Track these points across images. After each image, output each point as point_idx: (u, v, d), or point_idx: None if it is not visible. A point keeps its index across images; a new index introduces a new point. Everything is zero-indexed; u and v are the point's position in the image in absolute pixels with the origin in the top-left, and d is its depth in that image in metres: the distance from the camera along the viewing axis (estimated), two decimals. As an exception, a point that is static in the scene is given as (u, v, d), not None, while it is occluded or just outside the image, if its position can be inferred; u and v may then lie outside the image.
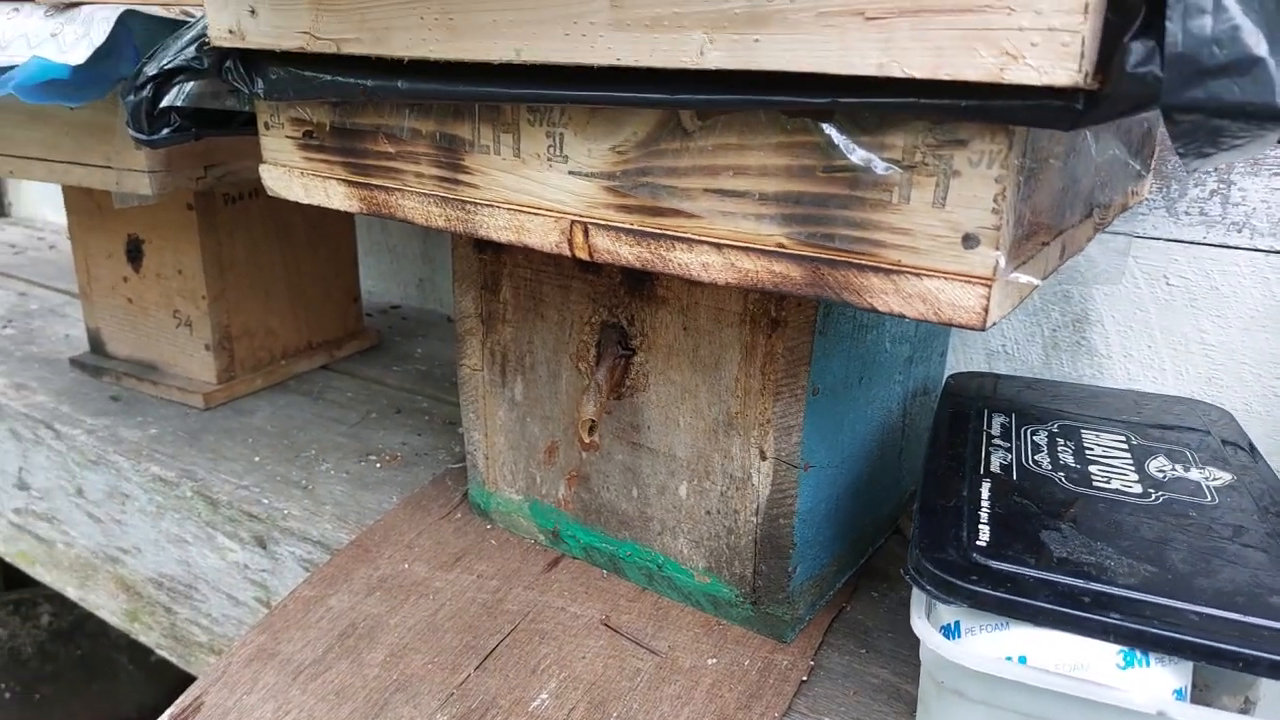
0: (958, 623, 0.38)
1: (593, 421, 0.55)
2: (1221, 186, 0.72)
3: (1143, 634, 0.34)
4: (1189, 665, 0.36)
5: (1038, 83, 0.31)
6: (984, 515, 0.41)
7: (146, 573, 0.82)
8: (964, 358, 0.84)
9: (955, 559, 0.38)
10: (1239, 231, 0.72)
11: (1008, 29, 0.31)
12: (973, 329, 0.36)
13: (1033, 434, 0.51)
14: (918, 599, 0.39)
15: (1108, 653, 0.35)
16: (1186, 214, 0.73)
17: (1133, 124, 0.53)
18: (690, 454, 0.54)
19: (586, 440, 0.57)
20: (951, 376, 0.61)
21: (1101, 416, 0.54)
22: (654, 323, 0.53)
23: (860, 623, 0.56)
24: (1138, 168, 0.57)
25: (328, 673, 0.52)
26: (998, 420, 0.53)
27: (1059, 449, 0.49)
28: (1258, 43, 0.27)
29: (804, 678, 0.51)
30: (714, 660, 0.52)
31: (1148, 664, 0.35)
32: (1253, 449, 0.51)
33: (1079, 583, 0.36)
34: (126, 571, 0.84)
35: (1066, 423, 0.53)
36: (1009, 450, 0.49)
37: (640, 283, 0.53)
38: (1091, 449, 0.50)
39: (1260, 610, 0.35)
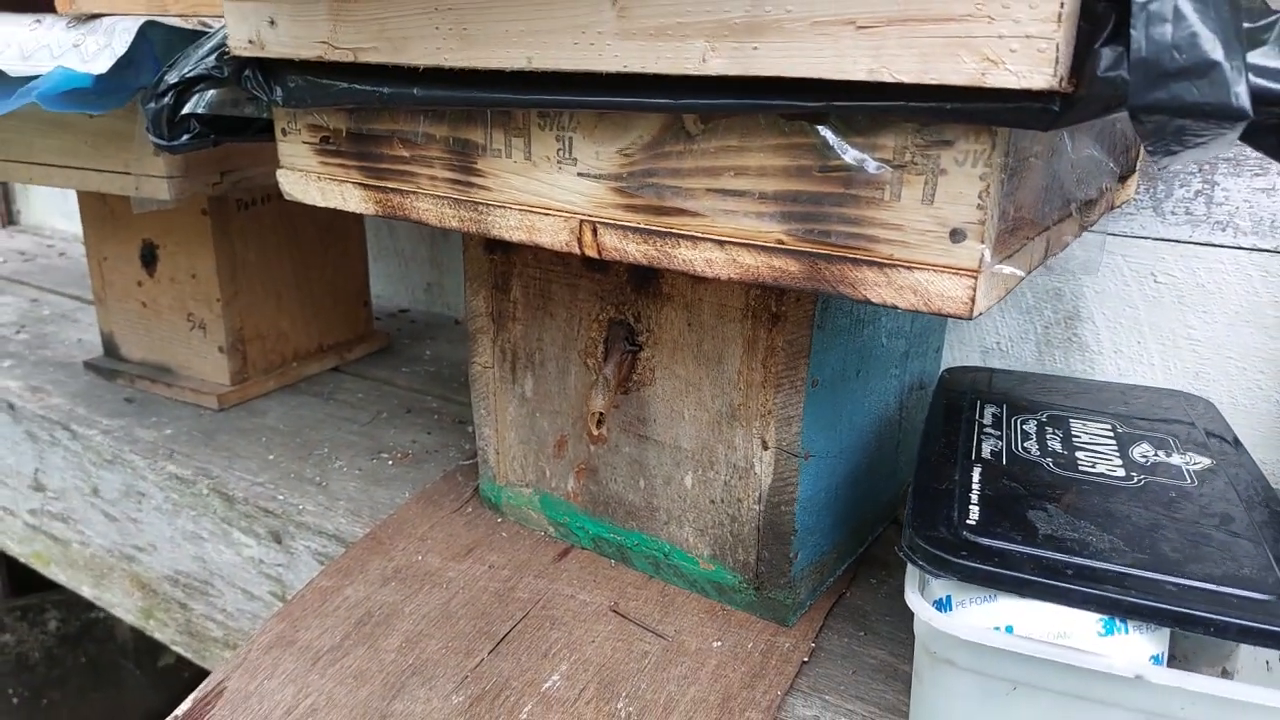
0: (949, 597, 0.40)
1: (601, 414, 0.58)
2: (1206, 187, 0.74)
3: (1120, 603, 0.36)
4: (1166, 633, 0.38)
5: (1017, 86, 0.33)
6: (974, 497, 0.43)
7: (162, 570, 0.84)
8: (960, 354, 0.87)
9: (947, 536, 0.40)
10: (1223, 230, 0.74)
11: (988, 36, 0.34)
12: (961, 318, 0.39)
13: (1023, 423, 0.53)
14: (912, 575, 0.41)
15: (1089, 621, 0.37)
16: (1173, 214, 0.76)
17: (1112, 128, 0.55)
18: (695, 445, 0.56)
19: (595, 433, 0.59)
20: (947, 370, 0.63)
21: (1089, 407, 0.57)
22: (659, 319, 0.55)
23: (859, 607, 0.58)
24: (1113, 166, 0.59)
25: (346, 658, 0.54)
26: (990, 410, 0.55)
27: (1047, 436, 0.51)
28: (1214, 48, 0.30)
29: (805, 659, 0.53)
30: (719, 643, 0.54)
31: (1126, 631, 0.37)
32: (1232, 436, 0.53)
33: (1062, 557, 0.38)
34: (142, 569, 0.86)
35: (1055, 413, 0.55)
36: (999, 438, 0.51)
37: (646, 280, 0.55)
38: (1079, 436, 0.52)
39: (1230, 581, 0.37)
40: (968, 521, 0.41)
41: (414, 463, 0.78)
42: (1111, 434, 0.52)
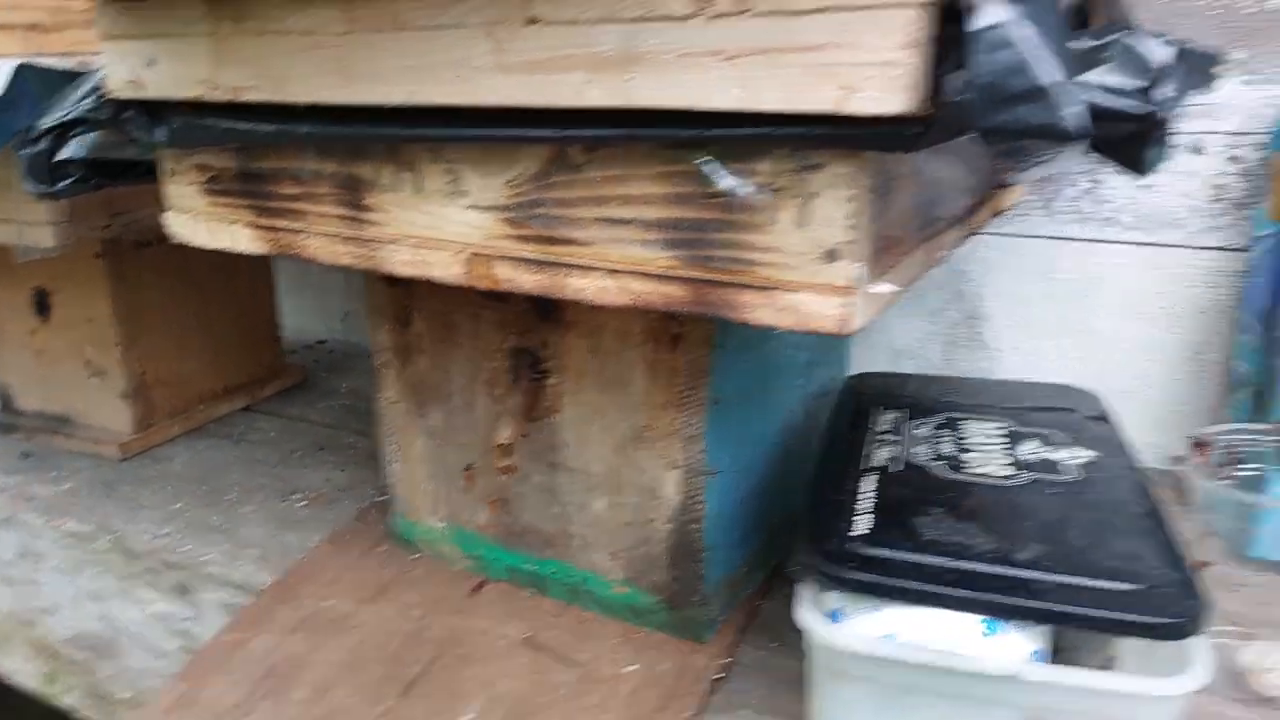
0: (840, 609, 0.41)
1: (509, 445, 0.57)
2: (1092, 185, 0.78)
3: (997, 604, 0.37)
4: (1045, 629, 0.39)
5: (875, 112, 0.35)
6: (866, 506, 0.45)
7: (64, 633, 0.80)
8: (871, 357, 0.88)
9: (835, 549, 0.41)
10: (1110, 226, 0.78)
11: (846, 64, 0.35)
12: (837, 335, 0.40)
13: (919, 427, 0.55)
14: (802, 588, 0.42)
15: (972, 623, 0.38)
16: (1062, 212, 0.79)
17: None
18: (605, 469, 0.56)
19: (504, 464, 0.59)
20: (850, 377, 0.65)
21: (985, 407, 0.58)
22: (564, 346, 0.55)
23: (774, 619, 0.59)
24: (1001, 175, 0.61)
25: (250, 716, 0.52)
26: (888, 416, 0.57)
27: (941, 440, 0.53)
28: (1042, 72, 0.31)
29: (720, 675, 0.53)
30: (633, 667, 0.54)
31: (1007, 631, 0.38)
32: (1117, 427, 0.55)
33: (944, 561, 0.39)
34: (43, 633, 0.81)
35: (952, 414, 0.57)
36: (895, 445, 0.52)
37: (548, 308, 0.55)
38: (971, 438, 0.54)
39: (1104, 574, 0.38)
40: (857, 532, 0.42)
41: (327, 503, 0.76)
42: (1003, 433, 0.54)
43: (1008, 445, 0.53)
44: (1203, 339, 0.76)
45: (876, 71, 0.34)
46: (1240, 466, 0.60)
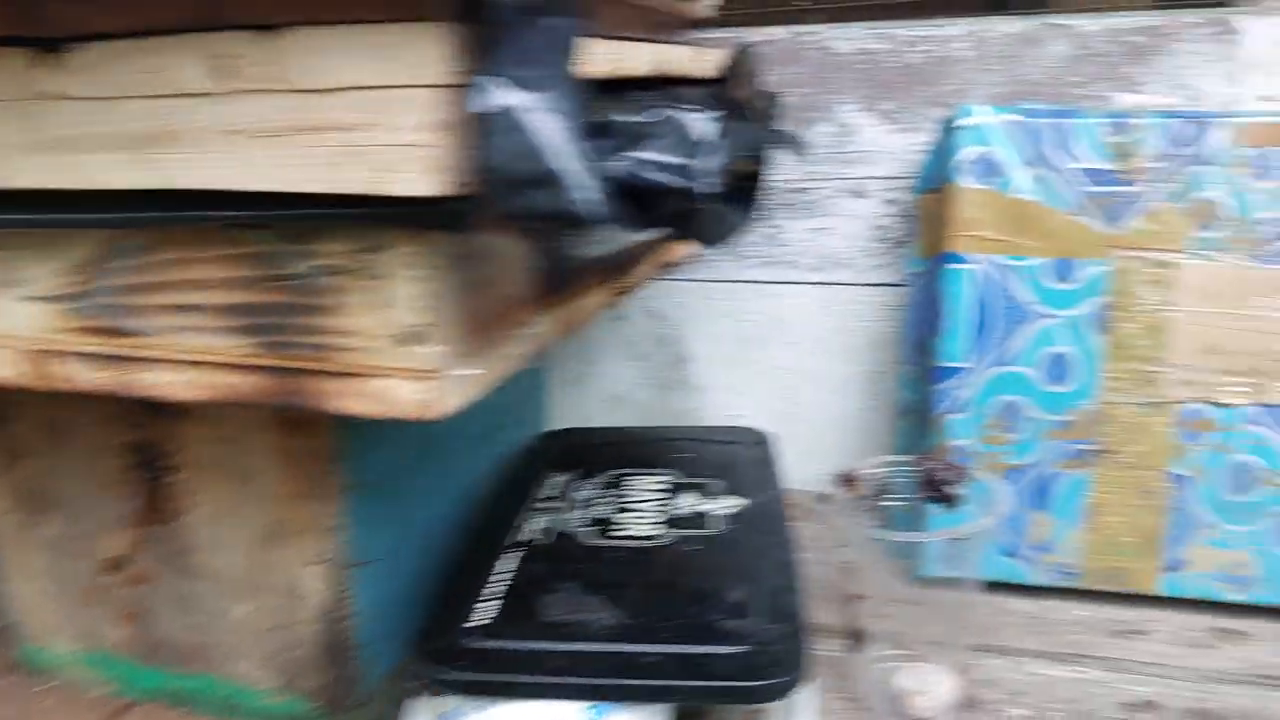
0: (454, 710, 0.38)
1: (130, 554, 0.51)
2: (773, 230, 0.81)
3: (598, 688, 0.36)
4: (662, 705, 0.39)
5: (409, 193, 0.33)
6: (497, 590, 0.43)
7: None
8: (587, 408, 0.88)
9: (449, 645, 0.39)
10: (792, 268, 0.82)
11: (377, 146, 0.33)
12: (427, 421, 0.38)
13: (585, 489, 0.54)
14: (413, 692, 0.39)
15: (577, 710, 0.37)
16: (748, 257, 0.83)
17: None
18: (242, 571, 0.51)
19: (129, 573, 0.52)
20: (536, 437, 0.64)
21: (656, 459, 0.59)
22: (186, 438, 0.50)
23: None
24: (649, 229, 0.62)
25: None
26: (559, 479, 0.56)
27: (602, 502, 0.53)
28: (552, 157, 0.31)
29: (383, 780, 0.50)
30: (283, 786, 0.49)
31: (615, 713, 0.37)
32: (776, 469, 0.57)
33: (555, 646, 0.38)
34: None
35: (621, 472, 0.57)
36: (554, 512, 0.51)
37: (160, 397, 0.50)
38: (633, 496, 0.54)
39: (713, 639, 0.38)
40: (478, 623, 0.40)
41: (-46, 631, 0.65)
42: (665, 487, 0.55)
43: (666, 500, 0.53)
44: (877, 370, 0.82)
45: (406, 153, 0.33)
46: (889, 498, 0.64)
